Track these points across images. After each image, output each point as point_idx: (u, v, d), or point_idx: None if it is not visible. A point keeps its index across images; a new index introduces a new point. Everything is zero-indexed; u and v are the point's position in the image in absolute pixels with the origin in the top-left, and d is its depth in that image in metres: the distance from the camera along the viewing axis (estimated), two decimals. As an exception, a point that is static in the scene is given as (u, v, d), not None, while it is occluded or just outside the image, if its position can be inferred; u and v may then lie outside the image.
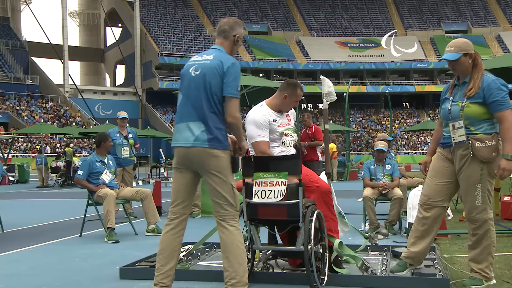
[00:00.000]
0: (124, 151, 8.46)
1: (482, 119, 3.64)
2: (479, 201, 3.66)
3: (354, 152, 47.69)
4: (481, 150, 3.59)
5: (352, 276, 3.96)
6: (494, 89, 3.60)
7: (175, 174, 3.52)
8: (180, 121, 3.46)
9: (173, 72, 55.77)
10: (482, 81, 3.65)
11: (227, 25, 3.56)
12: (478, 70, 3.70)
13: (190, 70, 3.48)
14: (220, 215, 3.41)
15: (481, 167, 3.63)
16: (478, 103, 3.62)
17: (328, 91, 4.88)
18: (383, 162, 6.70)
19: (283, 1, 66.76)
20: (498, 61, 8.29)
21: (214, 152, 3.35)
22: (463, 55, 3.70)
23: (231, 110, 3.36)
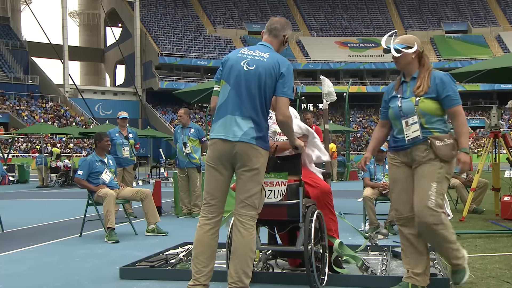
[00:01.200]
0: (125, 151, 8.47)
1: (436, 116, 3.49)
2: (432, 202, 3.38)
3: (354, 152, 47.71)
4: (441, 149, 3.43)
5: (352, 276, 3.96)
6: (447, 83, 3.48)
7: (210, 171, 3.42)
8: (226, 113, 3.36)
9: (173, 72, 55.80)
10: (433, 77, 3.51)
11: (278, 24, 3.54)
12: (425, 69, 3.58)
13: (241, 63, 3.39)
14: (239, 214, 3.35)
15: (441, 166, 3.45)
16: (432, 99, 3.48)
17: (328, 91, 4.90)
18: (383, 162, 6.71)
19: (283, 1, 66.76)
20: (498, 61, 8.30)
21: (259, 150, 3.32)
22: (406, 47, 3.58)
23: (283, 109, 3.32)
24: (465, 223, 6.83)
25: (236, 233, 3.32)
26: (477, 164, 8.02)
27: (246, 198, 3.32)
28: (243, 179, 3.32)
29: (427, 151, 3.45)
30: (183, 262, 4.39)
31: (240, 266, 3.27)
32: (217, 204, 3.41)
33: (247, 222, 3.32)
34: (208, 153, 3.44)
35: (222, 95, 3.40)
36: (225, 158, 3.33)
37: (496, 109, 7.70)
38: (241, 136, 3.27)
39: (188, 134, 8.34)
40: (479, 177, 7.49)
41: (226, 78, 3.41)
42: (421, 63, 3.61)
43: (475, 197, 7.73)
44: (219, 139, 3.34)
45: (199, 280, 3.32)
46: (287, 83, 3.34)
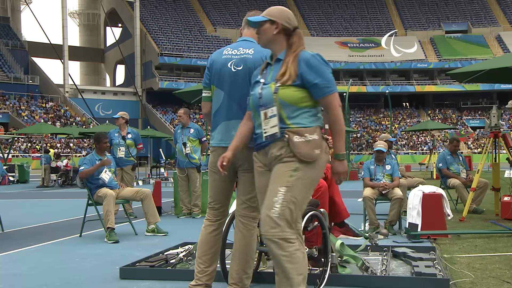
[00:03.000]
0: (120, 151, 8.41)
1: (301, 108, 2.78)
2: (275, 211, 2.67)
3: (354, 152, 47.70)
4: (299, 146, 2.73)
5: (352, 276, 3.96)
6: (315, 67, 2.76)
7: (213, 177, 3.40)
8: (223, 119, 3.31)
9: (173, 72, 55.81)
10: (299, 60, 2.78)
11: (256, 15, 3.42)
12: (292, 51, 2.83)
13: (228, 64, 3.31)
14: (241, 215, 3.33)
15: (295, 167, 2.73)
16: (295, 86, 2.76)
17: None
18: (383, 162, 6.71)
19: (283, 1, 66.78)
20: (498, 61, 8.29)
21: None
22: (269, 21, 2.87)
23: None
24: (465, 223, 6.83)
25: (237, 234, 3.31)
26: (477, 164, 8.02)
27: (248, 199, 3.30)
28: (244, 180, 3.30)
29: (284, 149, 2.77)
30: (183, 262, 4.39)
31: (241, 266, 3.26)
32: (222, 207, 3.42)
33: (249, 223, 3.31)
34: (210, 159, 3.42)
35: (216, 101, 3.36)
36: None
37: (496, 109, 7.70)
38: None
39: (188, 134, 8.33)
40: (479, 177, 7.49)
41: (216, 83, 3.35)
42: (289, 43, 2.88)
43: (475, 197, 7.73)
44: (219, 147, 3.32)
45: (202, 279, 3.31)
46: None
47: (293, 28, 2.89)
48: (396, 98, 54.90)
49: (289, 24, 2.88)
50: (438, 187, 6.58)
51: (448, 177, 8.44)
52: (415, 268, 4.04)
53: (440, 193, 5.94)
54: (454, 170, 8.44)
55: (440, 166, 8.58)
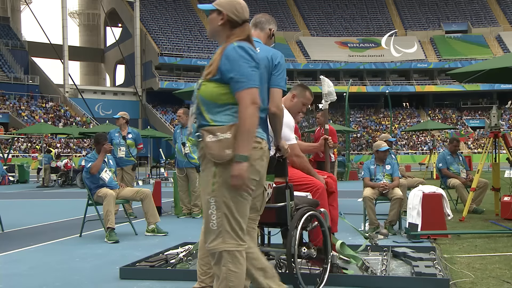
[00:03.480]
0: (120, 151, 8.42)
1: (222, 104, 2.63)
2: (214, 223, 2.59)
3: (354, 152, 47.70)
4: (210, 146, 2.58)
5: (352, 276, 3.96)
6: (232, 60, 2.60)
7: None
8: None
9: (173, 72, 55.82)
10: (222, 54, 2.67)
11: (263, 17, 3.44)
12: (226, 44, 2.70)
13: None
14: None
15: (214, 173, 2.60)
16: (216, 81, 2.64)
17: (328, 91, 4.88)
18: (383, 162, 6.71)
19: (283, 1, 66.79)
20: (498, 61, 8.30)
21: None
22: (216, 10, 2.77)
23: (277, 101, 3.12)
24: (465, 223, 6.83)
25: None
26: (477, 164, 8.02)
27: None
28: None
29: (202, 150, 2.66)
30: (183, 262, 4.39)
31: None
32: None
33: (248, 224, 3.19)
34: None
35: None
36: None
37: (496, 109, 7.70)
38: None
39: (187, 134, 8.34)
40: (479, 177, 7.49)
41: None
42: (228, 34, 2.76)
43: (475, 197, 7.74)
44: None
45: (205, 281, 3.21)
46: (281, 74, 3.21)
47: (241, 21, 2.75)
48: (396, 98, 54.91)
49: (237, 16, 2.74)
50: (438, 187, 6.58)
51: (448, 177, 8.44)
52: (415, 268, 4.04)
53: (440, 193, 5.94)
54: (454, 170, 8.44)
55: (440, 166, 8.58)
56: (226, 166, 2.56)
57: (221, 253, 2.58)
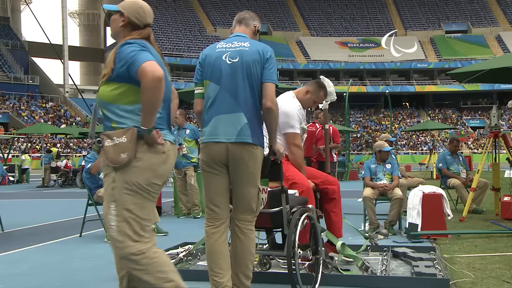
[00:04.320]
0: None
1: (122, 105, 2.57)
2: (114, 229, 2.52)
3: (354, 152, 47.70)
4: (108, 150, 2.53)
5: (352, 276, 3.96)
6: (122, 56, 2.54)
7: (207, 176, 3.20)
8: (216, 113, 3.12)
9: (173, 72, 55.77)
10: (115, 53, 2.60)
11: (247, 14, 3.41)
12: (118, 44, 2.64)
13: (223, 57, 3.17)
14: (237, 219, 3.20)
15: (113, 178, 2.53)
16: (112, 81, 2.58)
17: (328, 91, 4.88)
18: (385, 161, 6.71)
19: (283, 1, 66.79)
20: (498, 61, 8.30)
21: (255, 149, 3.12)
22: (119, 12, 2.76)
23: (272, 95, 3.12)
24: (465, 223, 6.83)
25: (234, 238, 3.20)
26: (477, 164, 8.02)
27: (244, 203, 3.19)
28: (239, 183, 3.16)
29: (103, 156, 2.61)
30: (183, 262, 4.39)
31: (241, 270, 3.18)
32: (221, 210, 3.21)
33: (245, 226, 3.20)
34: (201, 157, 3.23)
35: (209, 95, 3.18)
36: (220, 160, 3.14)
37: (496, 109, 7.70)
38: (237, 136, 3.08)
39: (184, 135, 8.34)
40: (479, 177, 7.49)
41: (209, 77, 3.19)
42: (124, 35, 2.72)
43: (475, 197, 7.73)
44: (212, 142, 3.14)
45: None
46: (273, 68, 3.18)
47: (143, 25, 2.72)
48: (396, 98, 54.90)
49: (138, 20, 2.71)
50: (438, 187, 6.58)
51: (448, 177, 8.44)
52: (415, 268, 4.04)
53: (440, 193, 5.94)
54: (454, 170, 8.44)
55: (440, 166, 8.58)
56: (123, 171, 2.50)
57: (128, 255, 2.52)
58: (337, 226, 4.34)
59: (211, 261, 3.15)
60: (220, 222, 3.20)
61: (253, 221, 3.23)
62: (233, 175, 3.17)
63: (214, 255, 3.14)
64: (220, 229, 3.18)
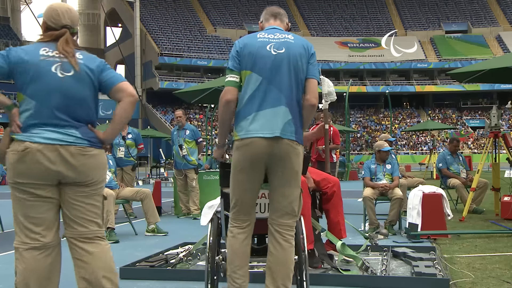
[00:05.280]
0: (120, 151, 8.38)
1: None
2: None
3: (354, 152, 47.71)
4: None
5: (352, 276, 3.96)
6: None
7: (241, 175, 2.94)
8: (260, 106, 2.89)
9: (173, 72, 55.83)
10: None
11: (280, 10, 3.23)
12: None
13: (267, 47, 2.95)
14: (277, 224, 2.95)
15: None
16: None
17: (328, 91, 4.88)
18: (384, 162, 6.71)
19: (283, 1, 66.76)
20: (498, 61, 8.31)
21: (298, 147, 2.94)
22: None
23: (316, 92, 2.98)
24: (465, 223, 6.83)
25: (275, 245, 2.93)
26: (477, 164, 8.03)
27: (285, 206, 2.94)
28: (281, 184, 2.93)
29: None
30: (183, 262, 4.39)
31: (282, 281, 2.90)
32: (252, 210, 3.03)
33: (287, 232, 2.94)
34: (237, 156, 2.93)
35: (249, 87, 2.93)
36: (260, 158, 2.88)
37: (496, 109, 7.70)
38: (281, 132, 2.86)
39: (184, 136, 8.32)
40: (479, 177, 7.49)
41: (251, 67, 2.93)
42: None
43: (475, 197, 7.74)
44: (253, 138, 2.87)
45: None
46: (316, 64, 3.06)
47: (59, 27, 2.81)
48: (396, 98, 54.89)
49: (54, 23, 2.82)
50: (438, 187, 6.59)
51: (448, 177, 8.44)
52: (415, 268, 4.04)
53: (440, 193, 5.94)
54: (454, 170, 8.44)
55: (440, 166, 8.58)
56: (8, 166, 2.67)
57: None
58: (338, 227, 4.33)
59: (235, 263, 2.94)
60: (247, 223, 3.00)
61: (293, 226, 2.99)
62: (274, 174, 2.94)
63: (240, 256, 2.95)
64: (246, 230, 2.99)
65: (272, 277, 2.91)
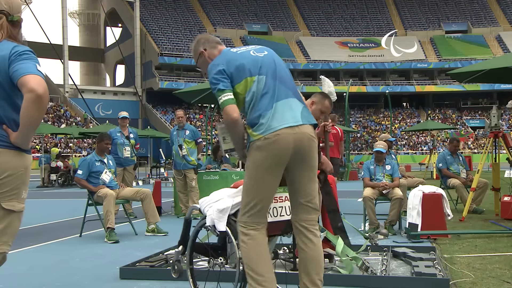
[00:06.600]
0: (126, 151, 8.48)
1: None
2: None
3: (354, 152, 47.71)
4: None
5: (352, 276, 3.96)
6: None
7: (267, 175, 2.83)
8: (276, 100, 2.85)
9: (173, 72, 55.82)
10: None
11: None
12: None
13: (251, 53, 2.99)
14: (304, 220, 2.91)
15: None
16: None
17: (328, 91, 4.88)
18: (383, 162, 6.71)
19: (283, 1, 66.76)
20: (498, 61, 8.30)
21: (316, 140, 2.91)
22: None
23: None
24: (465, 223, 6.83)
25: (306, 242, 2.90)
26: (477, 164, 8.03)
27: (309, 202, 2.91)
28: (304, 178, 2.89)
29: None
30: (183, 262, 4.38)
31: (318, 276, 2.91)
32: (266, 212, 2.94)
33: (314, 226, 2.93)
34: (261, 155, 2.80)
35: (257, 87, 2.87)
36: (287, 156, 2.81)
37: (496, 109, 7.70)
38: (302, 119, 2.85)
39: (184, 136, 8.33)
40: (479, 177, 7.49)
41: (249, 74, 2.90)
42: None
43: (475, 197, 7.74)
44: (283, 129, 2.78)
45: None
46: None
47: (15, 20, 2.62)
48: (396, 98, 54.89)
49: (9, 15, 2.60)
50: (438, 187, 6.58)
51: (448, 177, 8.45)
52: (415, 268, 4.04)
53: (440, 193, 5.94)
54: (454, 170, 8.45)
55: (440, 166, 8.58)
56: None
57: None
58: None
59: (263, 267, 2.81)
60: (262, 225, 2.90)
61: (317, 220, 2.99)
62: (299, 171, 2.89)
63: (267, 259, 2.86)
64: (262, 231, 2.90)
65: (308, 274, 2.90)
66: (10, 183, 2.47)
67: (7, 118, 2.49)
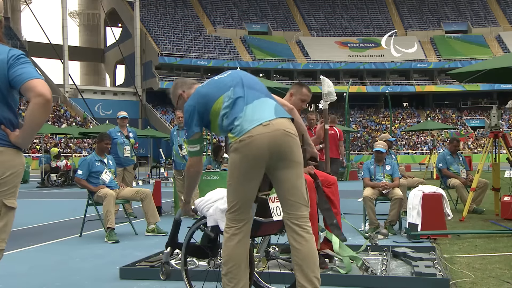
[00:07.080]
0: (126, 151, 8.48)
1: None
2: None
3: (354, 152, 47.71)
4: None
5: (352, 276, 3.96)
6: None
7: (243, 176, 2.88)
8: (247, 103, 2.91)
9: (173, 72, 55.81)
10: None
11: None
12: None
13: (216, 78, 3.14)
14: (294, 218, 2.89)
15: None
16: None
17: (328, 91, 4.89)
18: (383, 162, 6.71)
19: (283, 1, 66.76)
20: (498, 61, 8.30)
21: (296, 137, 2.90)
22: None
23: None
24: (465, 223, 6.83)
25: (298, 239, 2.88)
26: (477, 164, 8.03)
27: (298, 198, 2.90)
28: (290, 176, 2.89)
29: None
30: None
31: (313, 273, 2.87)
32: (248, 209, 2.95)
33: (306, 223, 2.91)
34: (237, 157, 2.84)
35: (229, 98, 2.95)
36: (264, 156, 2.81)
37: (496, 109, 7.70)
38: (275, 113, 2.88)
39: (184, 136, 8.32)
40: (479, 177, 7.49)
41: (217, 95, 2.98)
42: None
43: (475, 197, 7.74)
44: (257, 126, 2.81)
45: None
46: None
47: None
48: (396, 98, 54.90)
49: None
50: (438, 187, 6.58)
51: (448, 177, 8.44)
52: (415, 268, 4.04)
53: (440, 193, 5.94)
54: (454, 170, 8.44)
55: (440, 166, 8.58)
56: None
57: None
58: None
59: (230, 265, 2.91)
60: (243, 223, 2.93)
61: (308, 216, 2.96)
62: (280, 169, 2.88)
63: (232, 260, 2.90)
64: (242, 231, 2.92)
65: (303, 272, 2.87)
66: (12, 181, 2.57)
67: (4, 118, 2.54)
